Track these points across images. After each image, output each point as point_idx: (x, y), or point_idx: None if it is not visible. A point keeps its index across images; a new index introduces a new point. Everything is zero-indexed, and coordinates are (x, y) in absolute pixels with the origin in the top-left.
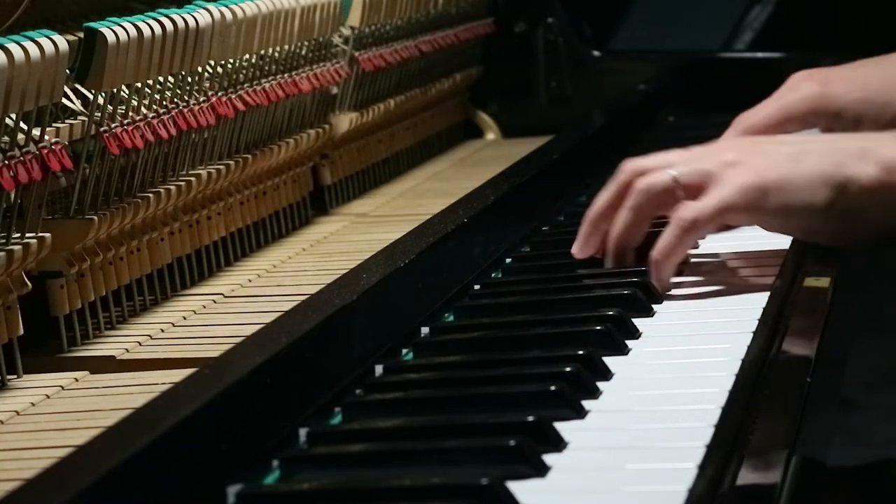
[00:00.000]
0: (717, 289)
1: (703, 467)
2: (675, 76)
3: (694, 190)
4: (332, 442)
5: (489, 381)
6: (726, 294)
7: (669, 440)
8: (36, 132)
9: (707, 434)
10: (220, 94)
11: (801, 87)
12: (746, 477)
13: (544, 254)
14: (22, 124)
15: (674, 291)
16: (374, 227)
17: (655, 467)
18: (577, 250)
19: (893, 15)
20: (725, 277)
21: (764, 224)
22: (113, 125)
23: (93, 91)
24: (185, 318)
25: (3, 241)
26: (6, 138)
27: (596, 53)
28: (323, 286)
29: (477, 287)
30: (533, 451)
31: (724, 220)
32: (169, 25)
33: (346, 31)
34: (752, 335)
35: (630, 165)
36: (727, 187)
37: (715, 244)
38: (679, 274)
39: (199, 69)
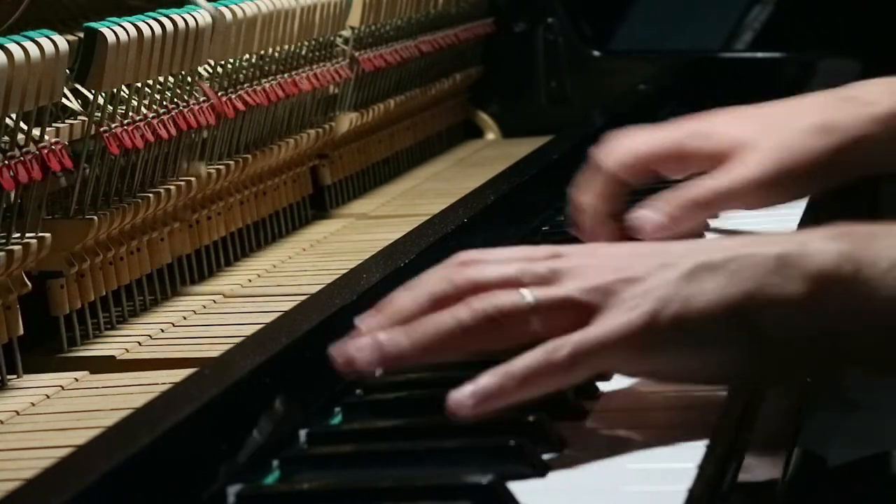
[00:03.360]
0: None
1: (703, 467)
2: (675, 76)
3: (555, 322)
4: (331, 442)
5: None
6: None
7: (669, 440)
8: (36, 132)
9: (707, 434)
10: (220, 94)
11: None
12: (746, 477)
13: None
14: (22, 124)
15: None
16: (374, 227)
17: (655, 467)
18: (341, 357)
19: (893, 15)
20: None
21: (645, 371)
22: (113, 125)
23: (93, 91)
24: (185, 318)
25: (3, 241)
26: (6, 138)
27: (596, 53)
28: (323, 286)
29: None
30: (533, 451)
31: (599, 365)
32: (169, 25)
33: (346, 32)
34: None
35: (464, 259)
36: (607, 322)
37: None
38: None
39: (200, 69)
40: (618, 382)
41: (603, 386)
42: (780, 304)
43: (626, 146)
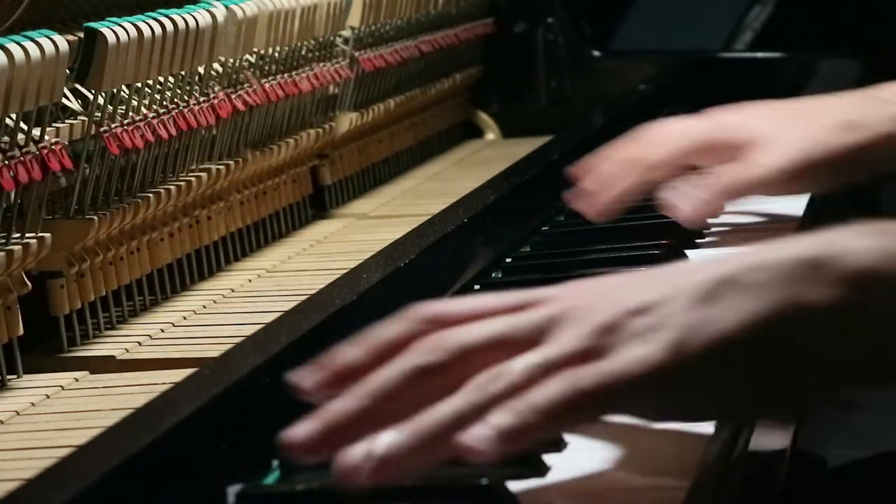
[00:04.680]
0: None
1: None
2: (675, 76)
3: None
4: None
5: None
6: None
7: (670, 440)
8: (36, 132)
9: (707, 433)
10: (219, 94)
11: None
12: (746, 477)
13: (544, 254)
14: (22, 124)
15: None
16: (374, 227)
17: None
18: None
19: (893, 15)
20: None
21: (668, 411)
22: (113, 125)
23: (93, 91)
24: (185, 318)
25: (3, 241)
26: (6, 138)
27: (596, 53)
28: (323, 286)
29: (477, 287)
30: (533, 451)
31: (622, 406)
32: (169, 25)
33: (346, 32)
34: None
35: (430, 313)
36: (624, 357)
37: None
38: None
39: (200, 69)
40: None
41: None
42: (818, 313)
43: (662, 139)
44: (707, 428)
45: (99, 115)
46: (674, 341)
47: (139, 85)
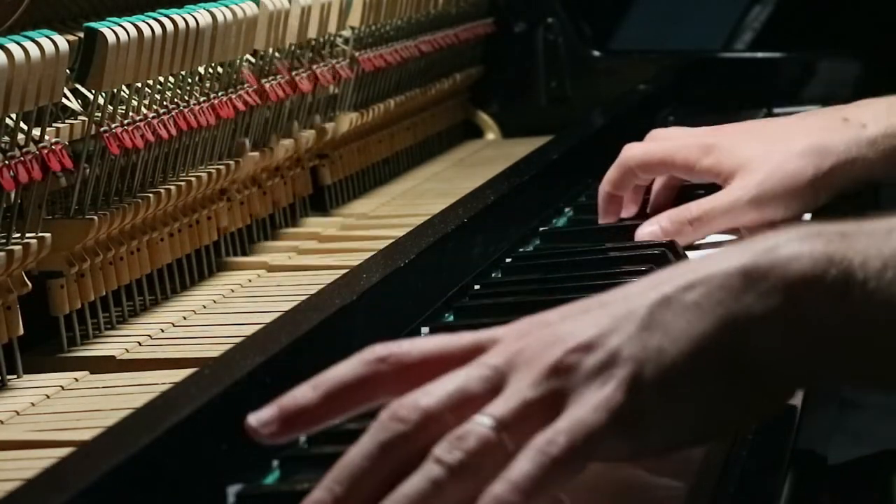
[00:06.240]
0: None
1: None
2: (675, 76)
3: (526, 430)
4: (332, 442)
5: None
6: None
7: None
8: (36, 132)
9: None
10: (220, 94)
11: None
12: (746, 477)
13: (544, 254)
14: (22, 124)
15: None
16: (374, 227)
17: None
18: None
19: (893, 15)
20: None
21: (636, 448)
22: (113, 125)
23: (93, 91)
24: (185, 318)
25: (3, 241)
26: (6, 138)
27: (596, 53)
28: (323, 286)
29: (477, 287)
30: None
31: (594, 453)
32: (169, 25)
33: (346, 32)
34: None
35: (377, 352)
36: (586, 404)
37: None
38: None
39: (200, 69)
40: None
41: None
42: (762, 324)
43: (644, 149)
44: None
45: (99, 115)
46: (628, 378)
47: (139, 85)
